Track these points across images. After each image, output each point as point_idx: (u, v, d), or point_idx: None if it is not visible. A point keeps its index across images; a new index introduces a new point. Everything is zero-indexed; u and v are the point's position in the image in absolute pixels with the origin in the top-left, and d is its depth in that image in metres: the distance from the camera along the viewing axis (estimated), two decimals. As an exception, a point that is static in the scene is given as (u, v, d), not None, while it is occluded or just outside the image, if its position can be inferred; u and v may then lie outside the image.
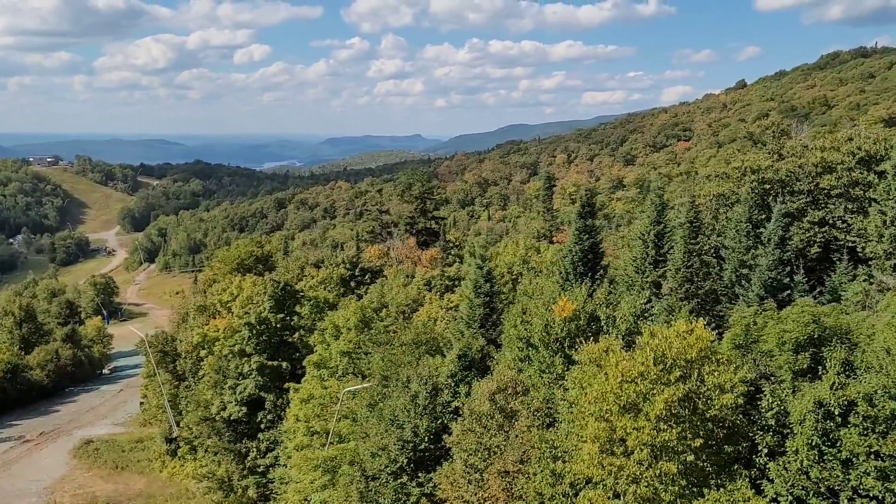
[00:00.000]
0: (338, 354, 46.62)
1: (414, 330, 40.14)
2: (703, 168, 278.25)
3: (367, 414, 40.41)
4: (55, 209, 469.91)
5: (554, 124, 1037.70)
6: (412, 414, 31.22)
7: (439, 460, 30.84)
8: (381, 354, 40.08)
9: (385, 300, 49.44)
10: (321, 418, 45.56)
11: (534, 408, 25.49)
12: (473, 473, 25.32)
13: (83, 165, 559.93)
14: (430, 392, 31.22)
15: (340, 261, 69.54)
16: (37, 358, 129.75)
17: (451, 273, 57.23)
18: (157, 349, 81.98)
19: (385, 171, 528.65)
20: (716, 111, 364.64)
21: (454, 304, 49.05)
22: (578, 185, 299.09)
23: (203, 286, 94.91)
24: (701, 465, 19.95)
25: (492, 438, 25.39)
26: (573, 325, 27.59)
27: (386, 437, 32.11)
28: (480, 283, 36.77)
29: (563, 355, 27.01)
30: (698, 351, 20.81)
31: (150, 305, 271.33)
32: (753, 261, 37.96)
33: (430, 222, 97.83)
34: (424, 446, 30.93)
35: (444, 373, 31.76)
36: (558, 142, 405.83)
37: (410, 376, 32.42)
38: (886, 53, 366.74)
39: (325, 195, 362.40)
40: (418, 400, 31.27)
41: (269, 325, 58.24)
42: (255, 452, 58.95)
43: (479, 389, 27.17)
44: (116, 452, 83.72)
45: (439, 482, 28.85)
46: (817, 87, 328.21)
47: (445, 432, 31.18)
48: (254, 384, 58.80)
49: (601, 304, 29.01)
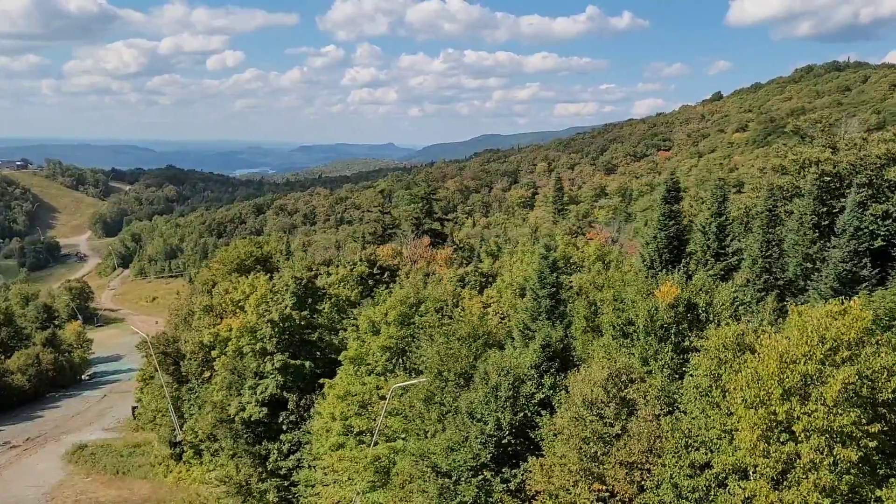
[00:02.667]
0: (378, 350, 44.78)
1: (469, 324, 38.52)
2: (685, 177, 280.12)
3: (423, 409, 38.68)
4: (24, 213, 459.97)
5: (527, 135, 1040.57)
6: (494, 407, 29.55)
7: (523, 454, 29.22)
8: (436, 349, 38.35)
9: (421, 296, 47.73)
10: (361, 416, 43.67)
11: (651, 395, 24.03)
12: (588, 463, 23.72)
13: (53, 169, 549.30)
14: (512, 384, 29.57)
15: (357, 259, 67.63)
16: (17, 362, 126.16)
17: (485, 269, 55.77)
18: (160, 350, 79.19)
19: (361, 179, 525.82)
20: (694, 122, 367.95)
21: (494, 299, 47.61)
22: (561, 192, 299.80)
23: (203, 287, 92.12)
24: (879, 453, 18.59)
25: (608, 427, 23.84)
26: (674, 312, 26.22)
27: (461, 432, 30.39)
28: (546, 274, 35.23)
29: (671, 342, 25.62)
30: (856, 332, 19.49)
31: (126, 311, 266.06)
32: (821, 253, 36.92)
33: (436, 223, 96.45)
34: (508, 440, 29.27)
35: (526, 364, 30.16)
36: (537, 150, 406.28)
37: (488, 368, 30.76)
38: (859, 68, 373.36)
39: (305, 201, 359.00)
40: (500, 392, 29.60)
41: (293, 322, 56.15)
42: (277, 455, 56.70)
43: (583, 378, 25.61)
44: (114, 457, 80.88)
45: (532, 474, 27.21)
46: (794, 100, 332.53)
47: (528, 426, 29.60)
48: (275, 384, 56.64)
49: (698, 291, 27.66)
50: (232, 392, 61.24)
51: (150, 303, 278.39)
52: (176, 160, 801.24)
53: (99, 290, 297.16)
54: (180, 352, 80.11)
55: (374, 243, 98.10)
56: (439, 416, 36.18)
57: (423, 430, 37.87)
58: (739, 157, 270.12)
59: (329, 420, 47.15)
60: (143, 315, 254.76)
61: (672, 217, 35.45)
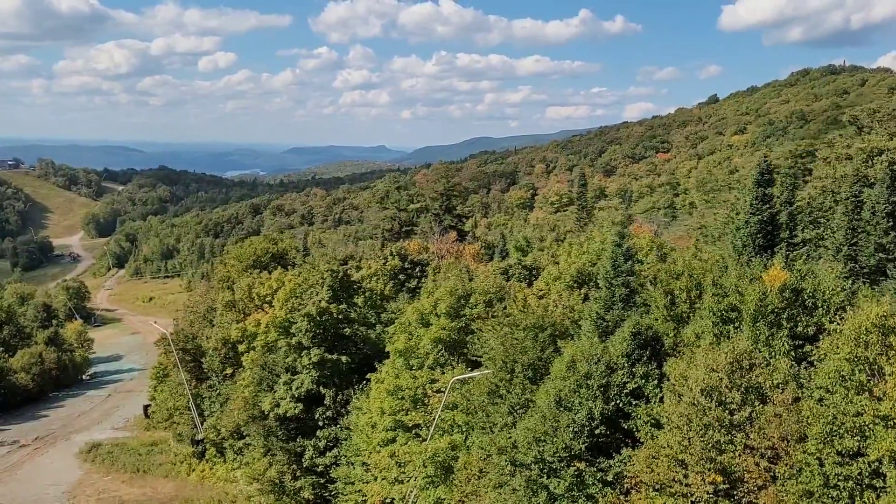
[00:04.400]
0: (429, 343, 43.51)
1: (534, 314, 37.34)
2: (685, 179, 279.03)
3: (487, 402, 37.45)
4: (16, 213, 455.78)
5: (518, 137, 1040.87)
6: (585, 395, 28.35)
7: (616, 445, 28.05)
8: (500, 340, 37.14)
9: (469, 288, 46.52)
10: (415, 410, 42.39)
11: (778, 381, 22.91)
12: (710, 452, 22.54)
13: (46, 169, 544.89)
14: (604, 373, 28.39)
15: (389, 253, 66.35)
16: (20, 361, 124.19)
17: (528, 262, 54.67)
18: (179, 347, 77.60)
19: (354, 180, 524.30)
20: (692, 124, 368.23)
21: (543, 291, 46.48)
22: (560, 193, 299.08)
23: (219, 283, 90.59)
24: None
25: (734, 415, 22.69)
26: (784, 296, 25.13)
27: (547, 423, 29.15)
28: (620, 262, 34.10)
29: (785, 327, 24.53)
30: None
31: (123, 311, 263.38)
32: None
33: (456, 220, 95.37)
34: (601, 430, 28.08)
35: (617, 352, 28.99)
36: (535, 152, 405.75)
37: (576, 356, 29.56)
38: (855, 71, 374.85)
39: (302, 202, 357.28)
40: (591, 381, 28.40)
41: (331, 316, 54.78)
42: (312, 451, 55.23)
43: (698, 364, 24.45)
44: (132, 456, 79.22)
45: (633, 465, 26.04)
46: (791, 103, 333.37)
47: (621, 416, 28.43)
48: (310, 379, 55.20)
49: (804, 276, 26.59)
50: (262, 388, 59.80)
51: (146, 303, 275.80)
52: (166, 161, 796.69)
53: (94, 291, 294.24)
54: (200, 349, 78.60)
55: (390, 240, 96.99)
56: (510, 408, 34.97)
57: (488, 423, 36.64)
58: (739, 159, 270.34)
59: (377, 415, 45.81)
60: (140, 315, 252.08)
61: (765, 201, 34.37)
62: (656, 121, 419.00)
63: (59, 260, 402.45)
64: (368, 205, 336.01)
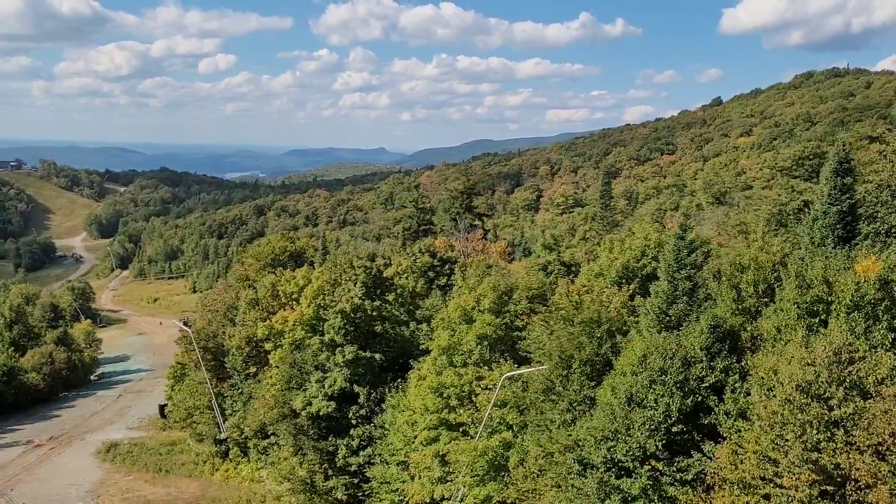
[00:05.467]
0: (474, 339, 42.65)
1: (590, 309, 36.48)
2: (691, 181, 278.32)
3: (541, 399, 36.58)
4: (18, 214, 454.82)
5: (518, 140, 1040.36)
6: (660, 391, 27.48)
7: (695, 443, 27.16)
8: (556, 335, 36.28)
9: (512, 284, 45.74)
10: (463, 408, 41.50)
11: (882, 376, 22.09)
12: (811, 452, 21.68)
13: (47, 170, 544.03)
14: (680, 368, 27.53)
15: (417, 249, 65.55)
16: (31, 361, 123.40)
17: (566, 259, 53.84)
18: (200, 346, 76.67)
19: (356, 182, 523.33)
20: (696, 126, 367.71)
21: (586, 287, 45.64)
22: (566, 195, 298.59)
23: (238, 282, 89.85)
24: None
25: (832, 411, 21.85)
26: (881, 288, 24.36)
27: (617, 421, 28.28)
28: (683, 256, 33.26)
29: (885, 319, 23.71)
30: None
31: (128, 312, 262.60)
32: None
33: (476, 218, 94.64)
34: (678, 428, 27.20)
35: (695, 346, 28.14)
36: (539, 153, 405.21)
37: (649, 351, 28.72)
38: (859, 74, 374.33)
39: (306, 203, 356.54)
40: (667, 377, 27.53)
41: (365, 313, 53.91)
42: (345, 450, 54.33)
43: (789, 358, 23.59)
44: (153, 455, 78.27)
45: (718, 463, 25.16)
46: (797, 105, 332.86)
47: (701, 411, 27.55)
48: (342, 377, 54.32)
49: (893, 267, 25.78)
50: (292, 386, 58.91)
51: (151, 304, 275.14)
52: (166, 163, 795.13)
53: (98, 291, 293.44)
54: (222, 347, 77.68)
55: (409, 239, 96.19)
56: (569, 405, 34.10)
57: (543, 421, 35.77)
58: (746, 161, 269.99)
59: (418, 413, 44.91)
60: (145, 316, 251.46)
61: (844, 191, 33.51)
62: (660, 123, 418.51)
63: (62, 261, 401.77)
64: (373, 206, 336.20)
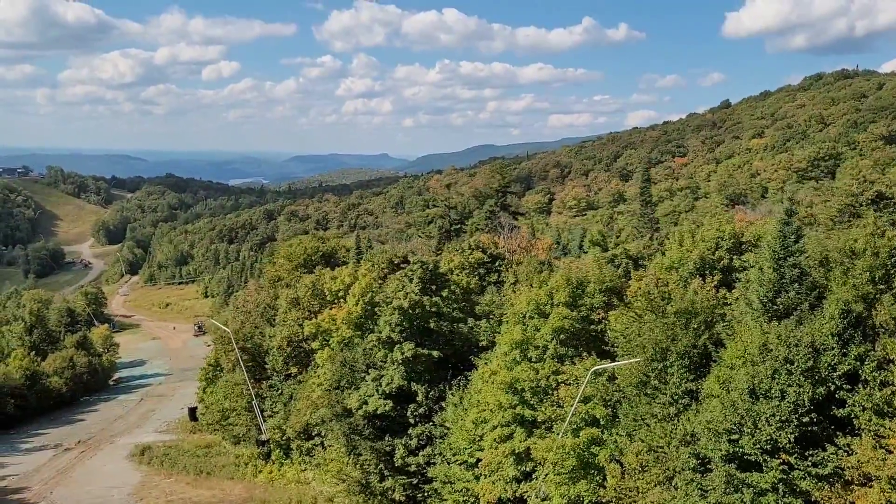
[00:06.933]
0: (549, 333, 41.32)
1: (688, 299, 35.17)
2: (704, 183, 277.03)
3: (636, 393, 35.25)
4: (26, 221, 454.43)
5: (521, 145, 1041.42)
6: (787, 381, 26.14)
7: (828, 435, 25.85)
8: (648, 327, 34.97)
9: (585, 277, 44.45)
10: (543, 403, 40.15)
11: None
12: None
13: (55, 177, 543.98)
14: (808, 355, 26.20)
15: (467, 246, 64.30)
16: (52, 365, 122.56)
17: (632, 251, 52.63)
18: (239, 346, 75.41)
19: (361, 187, 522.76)
20: (706, 129, 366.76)
21: (662, 280, 44.38)
22: (578, 197, 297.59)
23: (270, 283, 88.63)
24: None
25: None
26: None
27: (739, 414, 26.96)
28: (790, 242, 31.95)
29: None
30: None
31: (140, 317, 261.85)
32: None
33: (512, 216, 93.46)
34: (808, 419, 25.86)
35: (824, 333, 26.82)
36: (547, 157, 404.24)
37: (770, 339, 27.39)
38: (870, 75, 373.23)
39: (315, 207, 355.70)
40: (793, 366, 26.19)
41: (424, 309, 52.59)
42: (403, 450, 52.90)
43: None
44: (191, 458, 76.88)
45: (860, 453, 23.87)
46: (808, 107, 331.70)
47: (832, 402, 26.24)
48: (399, 375, 52.95)
49: None
50: (343, 385, 57.59)
51: (163, 308, 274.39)
52: (168, 170, 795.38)
53: (109, 297, 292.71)
54: (260, 347, 76.45)
55: (441, 239, 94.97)
56: (671, 399, 32.75)
57: (639, 416, 34.42)
58: (760, 163, 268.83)
59: (490, 410, 43.54)
60: (158, 321, 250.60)
61: None
62: (669, 126, 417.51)
63: (71, 267, 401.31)
64: (384, 210, 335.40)
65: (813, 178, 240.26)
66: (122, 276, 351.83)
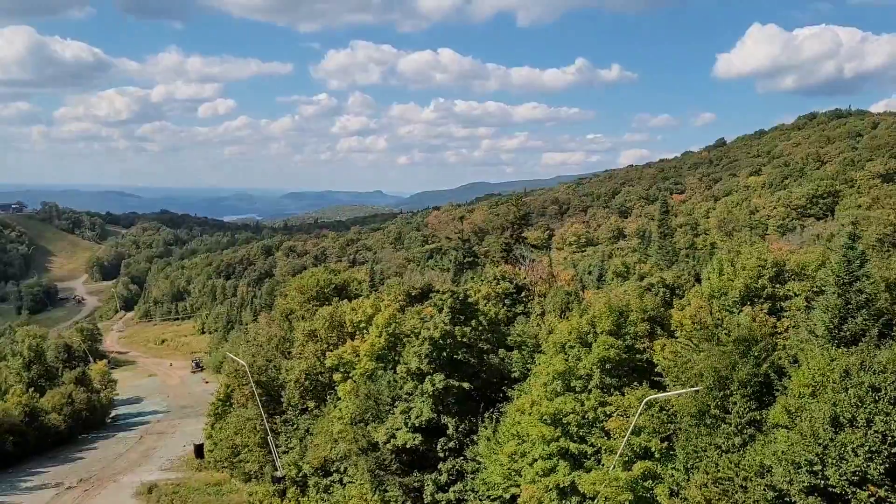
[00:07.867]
0: (594, 362, 40.05)
1: (743, 327, 34.13)
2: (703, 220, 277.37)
3: (694, 423, 33.93)
4: (20, 256, 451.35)
5: (515, 182, 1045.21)
6: (873, 409, 24.97)
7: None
8: (706, 355, 33.83)
9: (626, 305, 43.35)
10: (590, 435, 38.75)
11: None
12: None
13: (49, 213, 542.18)
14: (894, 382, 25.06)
15: (493, 277, 63.22)
16: (51, 401, 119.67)
17: (669, 280, 51.57)
18: (254, 380, 73.66)
19: (356, 223, 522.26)
20: (703, 167, 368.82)
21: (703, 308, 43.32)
22: (579, 233, 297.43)
23: (282, 316, 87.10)
24: None
25: None
26: None
27: (820, 444, 25.74)
28: (855, 267, 30.99)
29: None
30: None
31: (135, 353, 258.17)
32: None
33: (529, 249, 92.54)
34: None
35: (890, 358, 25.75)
36: (546, 193, 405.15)
37: (850, 367, 26.30)
38: (863, 115, 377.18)
39: (314, 243, 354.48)
40: (881, 394, 25.02)
41: (455, 339, 51.29)
42: (433, 486, 51.18)
43: None
44: (201, 496, 74.61)
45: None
46: (804, 145, 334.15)
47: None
48: (428, 407, 51.47)
49: None
50: (367, 418, 56.00)
51: (159, 345, 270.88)
52: (164, 206, 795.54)
53: (104, 333, 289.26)
54: (274, 381, 74.72)
55: (456, 271, 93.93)
56: (736, 429, 31.48)
57: (699, 447, 33.08)
58: (759, 200, 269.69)
59: (531, 444, 42.06)
60: (153, 357, 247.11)
61: None
62: (665, 163, 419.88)
63: (64, 303, 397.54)
64: (382, 245, 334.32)
65: (812, 215, 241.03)
66: (116, 312, 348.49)
